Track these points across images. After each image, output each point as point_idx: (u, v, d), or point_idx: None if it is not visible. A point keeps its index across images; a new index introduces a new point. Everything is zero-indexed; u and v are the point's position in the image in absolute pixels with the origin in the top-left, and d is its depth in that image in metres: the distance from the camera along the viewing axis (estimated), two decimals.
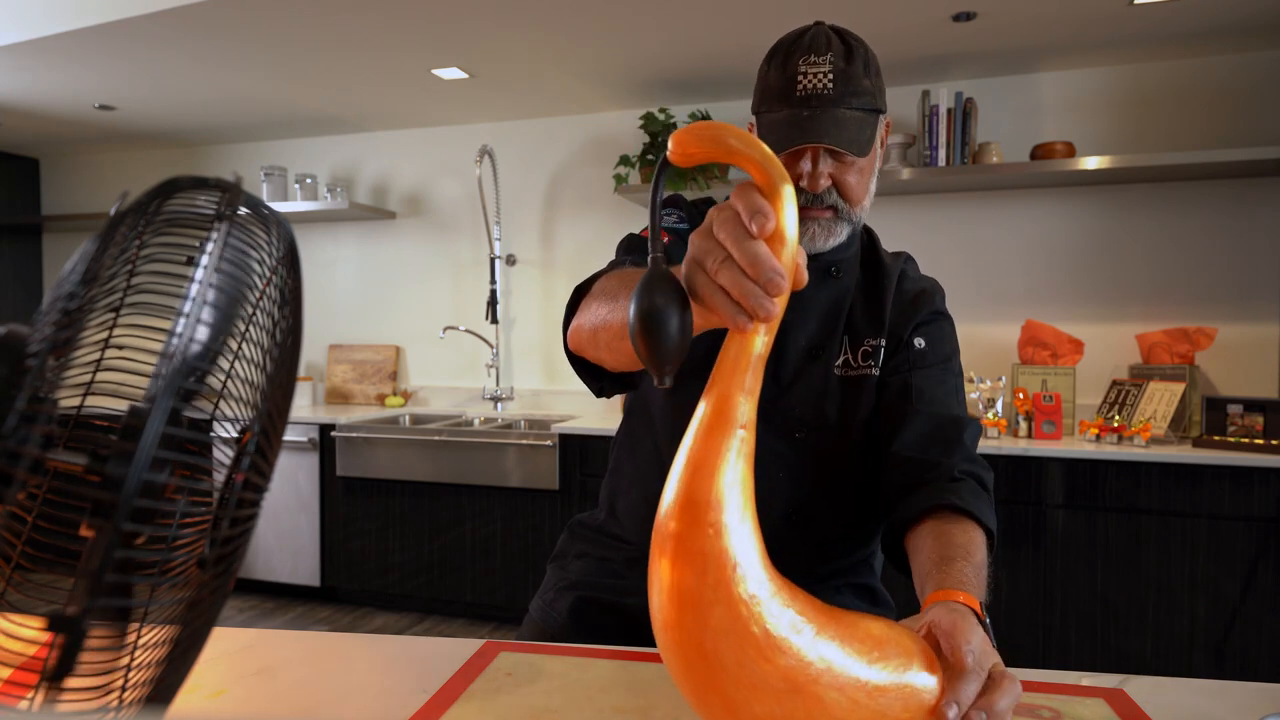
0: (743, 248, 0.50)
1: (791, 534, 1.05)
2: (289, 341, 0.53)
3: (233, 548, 0.49)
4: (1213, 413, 2.57)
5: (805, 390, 1.04)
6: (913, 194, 3.11)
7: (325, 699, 0.71)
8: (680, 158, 0.54)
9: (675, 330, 0.52)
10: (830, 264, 1.07)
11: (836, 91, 0.96)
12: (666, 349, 0.53)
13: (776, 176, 0.52)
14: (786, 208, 0.52)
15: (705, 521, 0.51)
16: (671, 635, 0.51)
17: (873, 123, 0.99)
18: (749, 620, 0.50)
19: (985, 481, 0.96)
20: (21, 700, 0.40)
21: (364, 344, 3.93)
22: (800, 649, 0.51)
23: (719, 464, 0.52)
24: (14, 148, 4.24)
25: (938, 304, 1.10)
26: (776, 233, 0.51)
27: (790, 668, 0.51)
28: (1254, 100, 2.75)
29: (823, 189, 0.99)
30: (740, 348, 0.54)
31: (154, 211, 0.48)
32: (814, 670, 0.51)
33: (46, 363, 0.43)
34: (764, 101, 1.02)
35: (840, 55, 0.97)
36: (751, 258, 0.50)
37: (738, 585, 0.50)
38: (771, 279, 0.50)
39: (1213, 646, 2.33)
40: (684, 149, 0.53)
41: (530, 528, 3.04)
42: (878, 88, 1.00)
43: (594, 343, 0.85)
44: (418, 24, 2.55)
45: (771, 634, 0.51)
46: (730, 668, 0.50)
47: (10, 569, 0.45)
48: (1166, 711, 0.69)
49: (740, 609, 0.50)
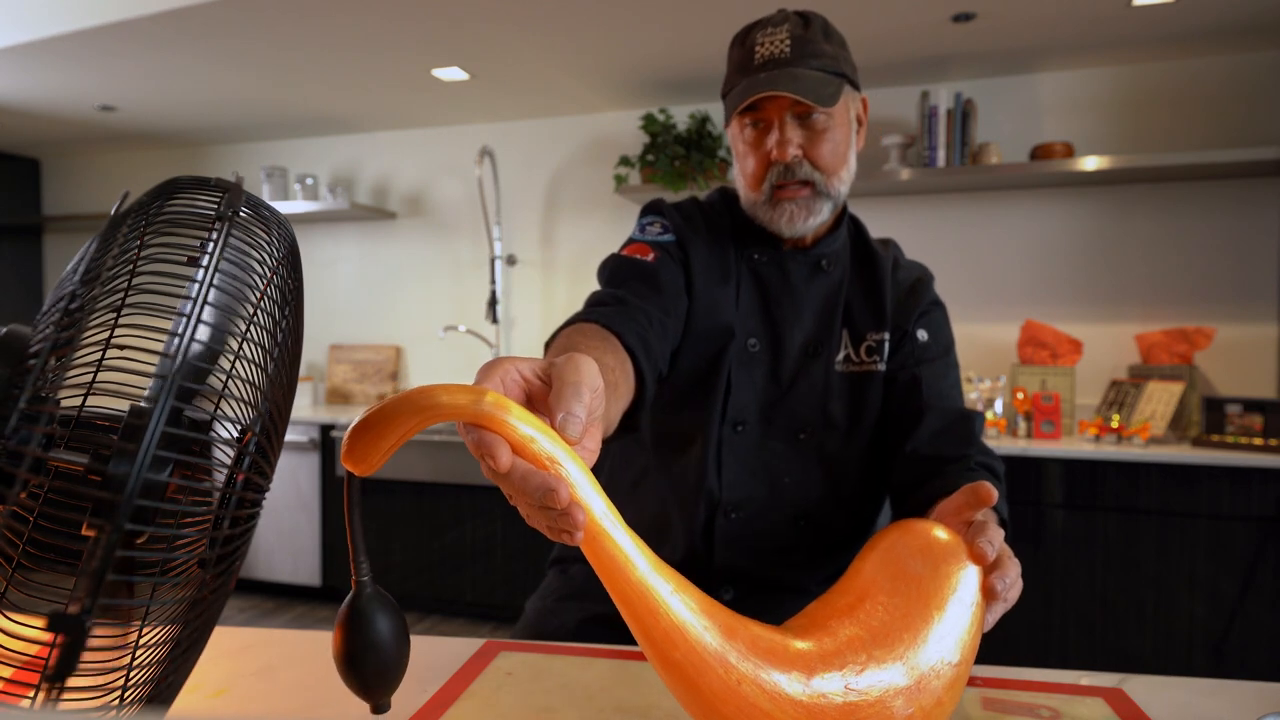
0: (506, 485, 0.46)
1: (799, 538, 1.04)
2: (290, 341, 0.53)
3: (233, 547, 0.49)
4: (1212, 413, 2.57)
5: (806, 389, 1.03)
6: (912, 194, 3.11)
7: (325, 699, 0.71)
8: (365, 467, 0.46)
9: (391, 659, 0.49)
10: (819, 257, 1.06)
11: (794, 54, 0.96)
12: (386, 680, 0.49)
13: (466, 401, 0.45)
14: (500, 417, 0.45)
15: (675, 660, 0.50)
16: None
17: (836, 84, 0.97)
18: None
19: (999, 472, 0.96)
20: (23, 700, 0.40)
21: (364, 344, 3.93)
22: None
23: (654, 622, 0.50)
24: (15, 148, 4.24)
25: (932, 292, 1.09)
26: (515, 442, 0.46)
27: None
28: (1254, 100, 2.75)
29: (791, 157, 0.97)
30: (596, 544, 0.48)
31: (155, 212, 0.48)
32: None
33: (48, 362, 0.43)
34: (727, 81, 1.02)
35: (798, 25, 0.97)
36: (518, 490, 0.46)
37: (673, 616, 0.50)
38: (545, 497, 0.45)
39: (1212, 646, 2.33)
40: (359, 455, 0.46)
41: (530, 528, 3.04)
42: (841, 56, 0.99)
43: None
44: (418, 24, 2.55)
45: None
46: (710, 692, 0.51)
47: (11, 569, 0.45)
48: (1166, 711, 0.69)
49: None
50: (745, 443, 1.02)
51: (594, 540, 0.48)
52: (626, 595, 0.49)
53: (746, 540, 1.03)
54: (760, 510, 1.03)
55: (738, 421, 1.02)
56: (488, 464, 0.45)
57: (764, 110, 0.98)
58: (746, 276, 1.05)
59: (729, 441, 1.02)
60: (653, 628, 0.49)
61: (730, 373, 1.02)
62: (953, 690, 0.56)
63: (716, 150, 3.15)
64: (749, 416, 1.03)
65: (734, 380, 1.02)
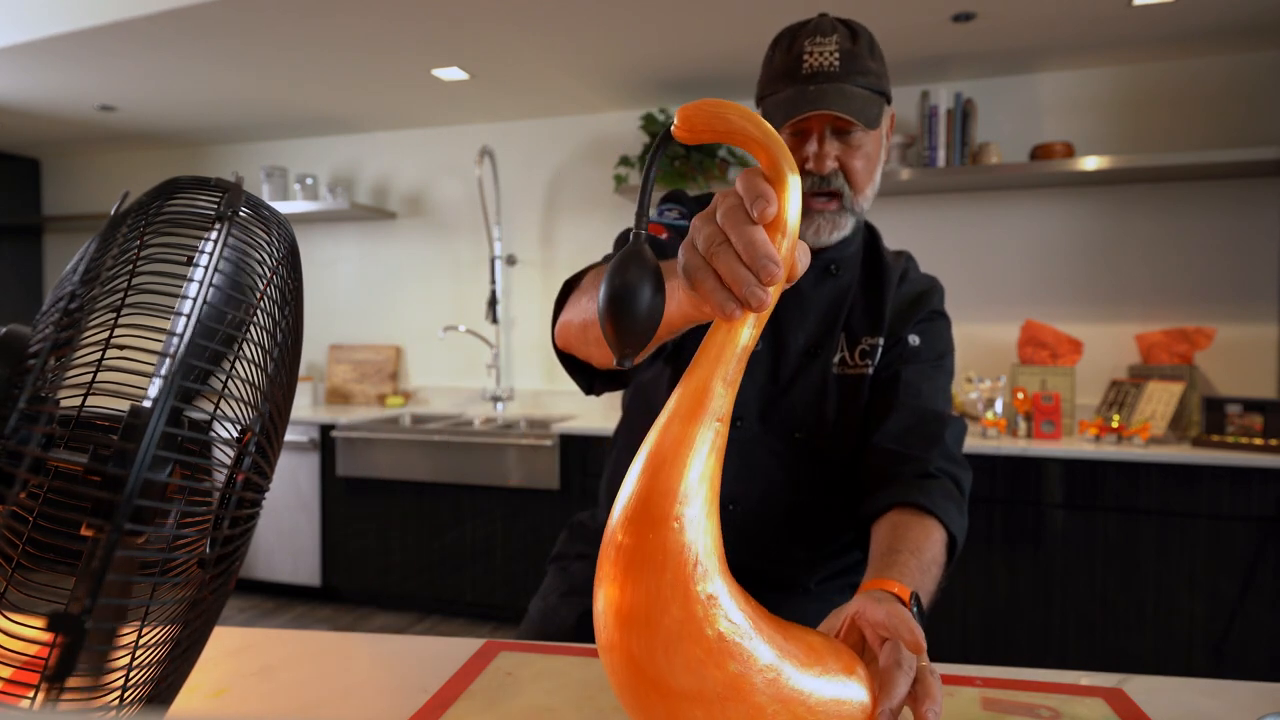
0: (740, 232, 0.48)
1: (792, 536, 1.05)
2: (289, 341, 0.53)
3: (233, 547, 0.49)
4: (1212, 413, 2.57)
5: (804, 390, 1.04)
6: (912, 194, 3.11)
7: (325, 699, 0.71)
8: (686, 134, 0.51)
9: (643, 307, 0.49)
10: (830, 261, 1.06)
11: (843, 69, 0.96)
12: (630, 326, 0.49)
13: (784, 162, 0.50)
14: (790, 197, 0.50)
15: (670, 515, 0.48)
16: (617, 632, 0.49)
17: (879, 104, 0.98)
18: (704, 622, 0.48)
19: (961, 482, 0.95)
20: (22, 700, 0.40)
21: (364, 344, 3.93)
22: (751, 655, 0.49)
23: (690, 455, 0.50)
24: (14, 148, 4.24)
25: (936, 303, 1.10)
26: (777, 221, 0.49)
27: (737, 675, 0.49)
28: (1254, 100, 2.75)
29: (829, 170, 0.97)
30: (726, 336, 0.51)
31: (155, 212, 0.48)
32: (760, 679, 0.49)
33: (47, 362, 0.43)
34: (770, 84, 1.01)
35: (846, 37, 0.97)
36: (747, 243, 0.48)
37: (697, 584, 0.48)
38: (765, 266, 0.48)
39: (1212, 646, 2.33)
40: (690, 125, 0.51)
41: (530, 528, 3.04)
42: (883, 73, 1.00)
43: (582, 339, 0.83)
44: (418, 24, 2.55)
45: (725, 638, 0.49)
46: (676, 669, 0.48)
47: (11, 569, 0.45)
48: (1165, 711, 0.69)
49: (696, 609, 0.48)
50: (743, 439, 1.03)
51: (730, 332, 0.51)
52: (700, 382, 0.51)
53: (742, 535, 1.03)
54: (755, 506, 1.04)
55: (736, 418, 1.03)
56: (753, 207, 0.48)
57: (807, 120, 0.98)
58: None
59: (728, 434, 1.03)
60: (699, 417, 0.51)
61: None
62: None
63: (717, 150, 3.15)
64: (747, 414, 1.04)
65: None
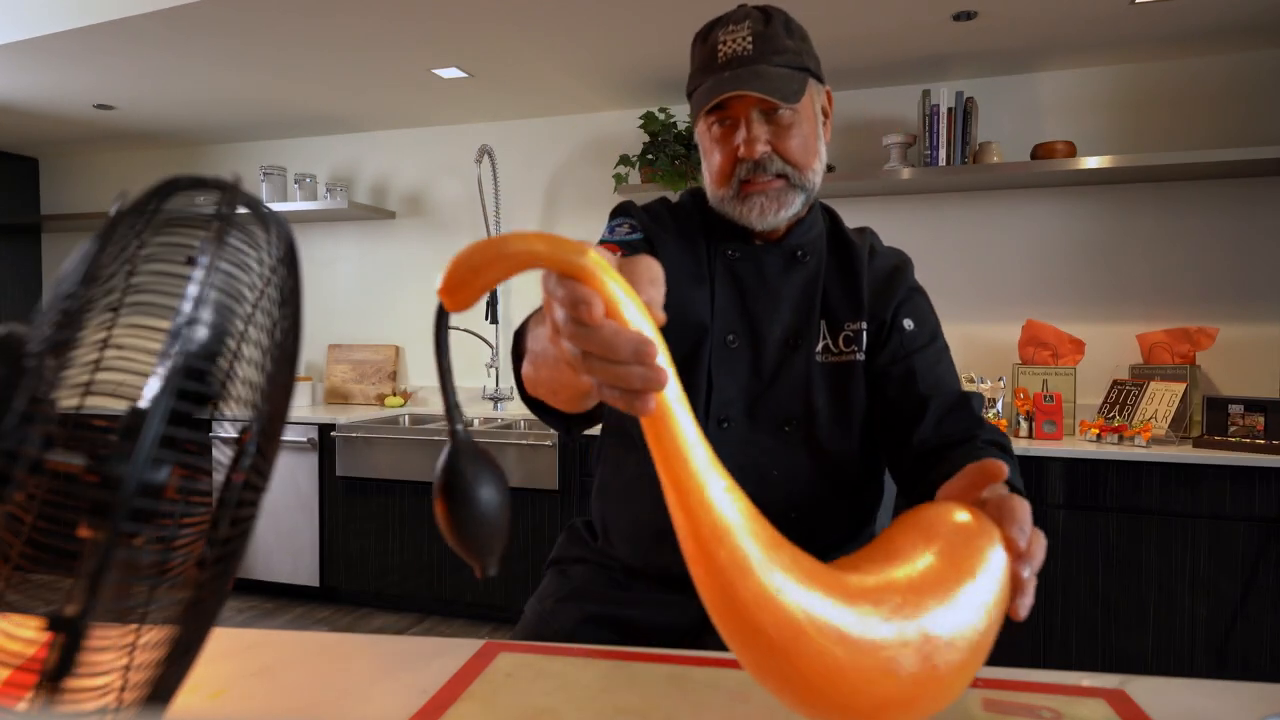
0: (591, 339, 0.45)
1: (793, 533, 1.04)
2: (288, 341, 0.52)
3: (232, 548, 0.49)
4: (1213, 413, 2.57)
5: (789, 382, 1.03)
6: (913, 194, 3.11)
7: (325, 699, 0.71)
8: (458, 301, 0.47)
9: (485, 522, 0.47)
10: (795, 248, 1.06)
11: (757, 50, 0.96)
12: (480, 542, 0.47)
13: (570, 253, 0.45)
14: (599, 274, 0.46)
15: (719, 560, 0.50)
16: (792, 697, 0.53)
17: (800, 79, 0.98)
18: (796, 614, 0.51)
19: (1007, 447, 0.97)
20: (21, 700, 0.40)
21: (363, 344, 3.92)
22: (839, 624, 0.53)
23: (703, 516, 0.50)
24: (13, 147, 4.24)
25: (910, 278, 1.09)
26: (609, 306, 0.46)
27: (889, 659, 0.53)
28: (1254, 100, 2.75)
29: (760, 154, 0.97)
30: (661, 424, 0.49)
31: (153, 211, 0.48)
32: (913, 654, 0.53)
33: (45, 363, 0.43)
34: (691, 79, 1.02)
35: (759, 20, 0.98)
36: (606, 346, 0.45)
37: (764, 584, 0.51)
38: (637, 350, 0.45)
39: (1214, 647, 2.33)
40: (457, 289, 0.46)
41: (530, 528, 3.04)
42: (804, 50, 1.00)
43: (549, 390, 0.76)
44: (418, 24, 2.55)
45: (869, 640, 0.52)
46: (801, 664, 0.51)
47: (9, 569, 0.45)
48: (1167, 712, 0.68)
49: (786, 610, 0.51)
50: (732, 439, 1.02)
51: (662, 419, 0.48)
52: (682, 483, 0.49)
53: None
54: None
55: (722, 418, 1.02)
56: (579, 315, 0.45)
57: (730, 108, 0.98)
58: (721, 273, 1.05)
59: (716, 438, 1.02)
60: (701, 522, 0.49)
61: (711, 370, 1.02)
62: (975, 655, 0.57)
63: None
64: (733, 413, 1.03)
65: (716, 377, 1.02)
